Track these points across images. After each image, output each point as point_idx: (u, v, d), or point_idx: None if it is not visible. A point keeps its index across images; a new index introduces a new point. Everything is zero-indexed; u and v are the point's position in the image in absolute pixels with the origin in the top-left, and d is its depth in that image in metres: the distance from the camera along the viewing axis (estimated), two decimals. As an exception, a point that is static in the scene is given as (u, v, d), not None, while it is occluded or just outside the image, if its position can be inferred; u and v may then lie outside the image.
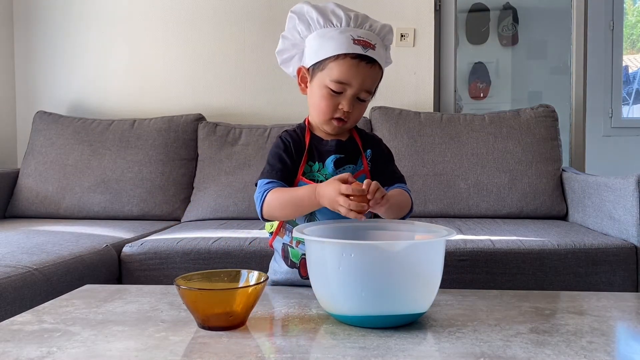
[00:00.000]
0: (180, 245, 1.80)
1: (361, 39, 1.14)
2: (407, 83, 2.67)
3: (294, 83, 1.26)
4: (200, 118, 2.62)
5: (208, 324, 0.91)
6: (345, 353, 0.81)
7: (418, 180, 2.31)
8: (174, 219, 2.43)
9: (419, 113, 2.46)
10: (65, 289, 1.35)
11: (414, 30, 2.65)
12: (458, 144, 2.35)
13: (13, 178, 2.57)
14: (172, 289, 1.11)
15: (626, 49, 4.72)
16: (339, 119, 1.18)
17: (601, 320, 0.96)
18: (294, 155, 1.21)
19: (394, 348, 0.82)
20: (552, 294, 1.18)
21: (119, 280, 1.82)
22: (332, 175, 1.20)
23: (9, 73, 2.87)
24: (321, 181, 1.19)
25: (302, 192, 1.11)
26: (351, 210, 1.01)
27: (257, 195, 1.18)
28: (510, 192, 2.27)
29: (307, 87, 1.22)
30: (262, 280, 0.95)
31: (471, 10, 4.36)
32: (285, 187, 1.17)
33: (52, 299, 1.13)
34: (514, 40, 4.35)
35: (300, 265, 1.23)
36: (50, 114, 2.68)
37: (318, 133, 1.25)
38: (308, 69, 1.21)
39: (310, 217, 1.20)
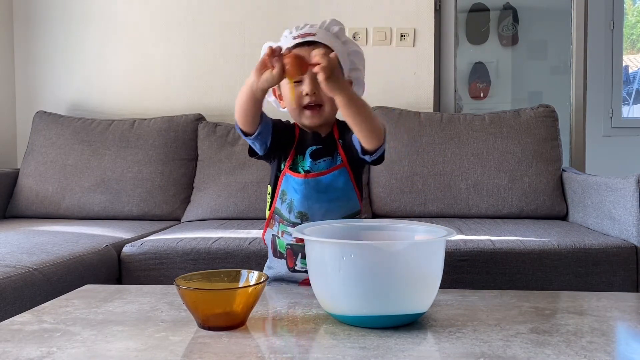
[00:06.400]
0: (180, 245, 1.80)
1: (300, 33, 1.27)
2: (407, 83, 2.67)
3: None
4: (200, 118, 2.62)
5: (208, 324, 0.91)
6: (345, 353, 0.81)
7: (418, 180, 2.31)
8: (174, 219, 2.43)
9: (419, 113, 2.46)
10: (65, 289, 1.35)
11: (414, 30, 2.65)
12: (458, 144, 2.35)
13: (13, 178, 2.57)
14: (172, 289, 1.11)
15: (626, 49, 4.72)
16: (309, 106, 1.25)
17: (601, 320, 0.96)
18: (281, 129, 1.30)
19: (394, 348, 0.82)
20: (552, 294, 1.18)
21: (119, 281, 1.82)
22: (310, 167, 1.26)
23: (9, 73, 2.87)
24: (300, 172, 1.25)
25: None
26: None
27: None
28: (510, 192, 2.27)
29: (282, 99, 1.33)
30: (262, 280, 0.95)
31: (471, 10, 4.36)
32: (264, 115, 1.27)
33: (52, 299, 1.13)
34: (514, 40, 4.35)
35: (287, 256, 1.24)
36: (50, 114, 2.68)
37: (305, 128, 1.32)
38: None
39: (305, 218, 1.21)
